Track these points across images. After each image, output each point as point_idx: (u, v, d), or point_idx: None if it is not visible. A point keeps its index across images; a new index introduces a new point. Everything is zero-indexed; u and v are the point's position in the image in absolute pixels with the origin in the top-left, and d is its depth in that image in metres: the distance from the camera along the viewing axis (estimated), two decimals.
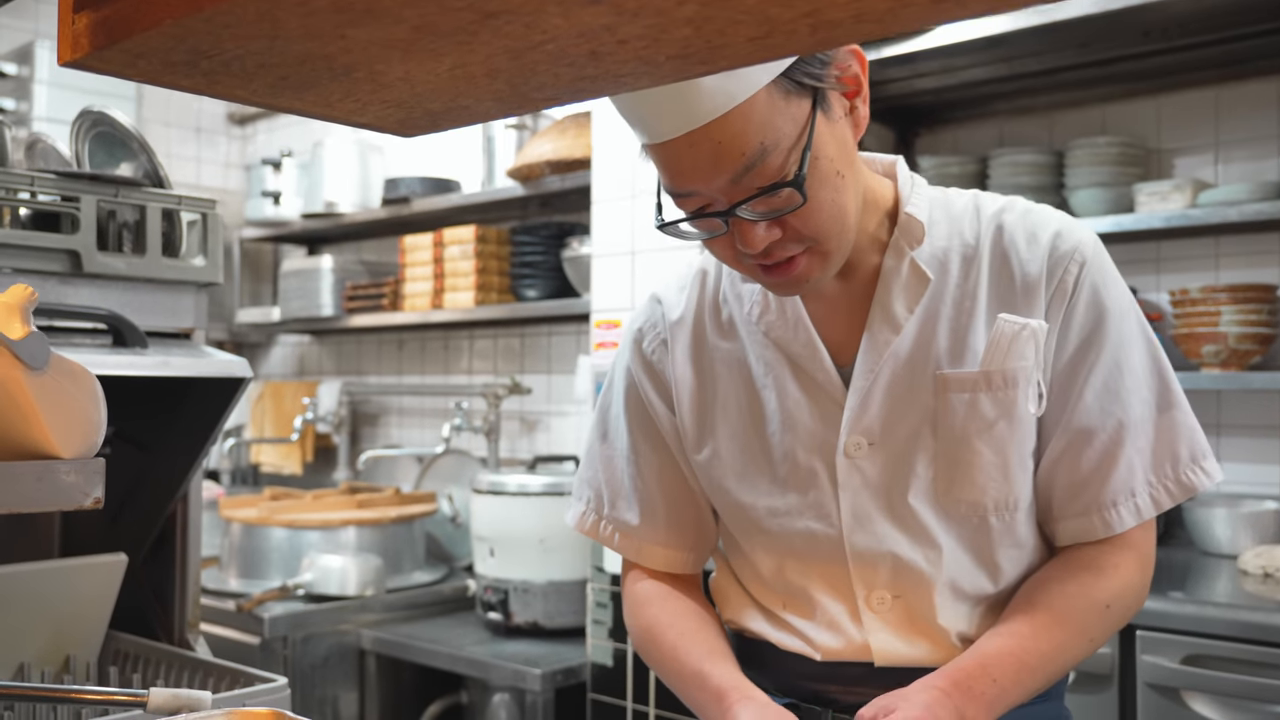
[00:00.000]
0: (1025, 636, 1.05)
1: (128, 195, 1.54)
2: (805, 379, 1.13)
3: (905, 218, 1.11)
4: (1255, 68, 2.46)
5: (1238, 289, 2.30)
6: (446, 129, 0.95)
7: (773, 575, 1.18)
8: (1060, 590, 1.09)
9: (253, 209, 4.18)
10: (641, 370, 1.24)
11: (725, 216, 0.99)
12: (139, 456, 1.64)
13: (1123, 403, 1.08)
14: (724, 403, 1.18)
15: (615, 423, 1.27)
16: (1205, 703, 1.79)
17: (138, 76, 0.75)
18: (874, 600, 1.12)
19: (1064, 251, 1.09)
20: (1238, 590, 1.97)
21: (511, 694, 2.74)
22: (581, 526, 1.29)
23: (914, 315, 1.10)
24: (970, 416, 1.08)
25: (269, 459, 4.34)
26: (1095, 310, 1.09)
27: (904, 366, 1.10)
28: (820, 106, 0.99)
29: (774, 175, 0.97)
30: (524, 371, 3.67)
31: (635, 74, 0.75)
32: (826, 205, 1.00)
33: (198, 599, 1.66)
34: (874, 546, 1.11)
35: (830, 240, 1.02)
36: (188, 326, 1.60)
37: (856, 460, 1.11)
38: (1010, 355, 1.07)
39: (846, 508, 1.11)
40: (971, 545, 1.11)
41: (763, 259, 1.02)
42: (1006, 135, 2.79)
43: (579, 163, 3.05)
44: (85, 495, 0.75)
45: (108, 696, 0.94)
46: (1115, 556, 1.10)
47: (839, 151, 1.01)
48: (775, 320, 1.14)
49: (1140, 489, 1.09)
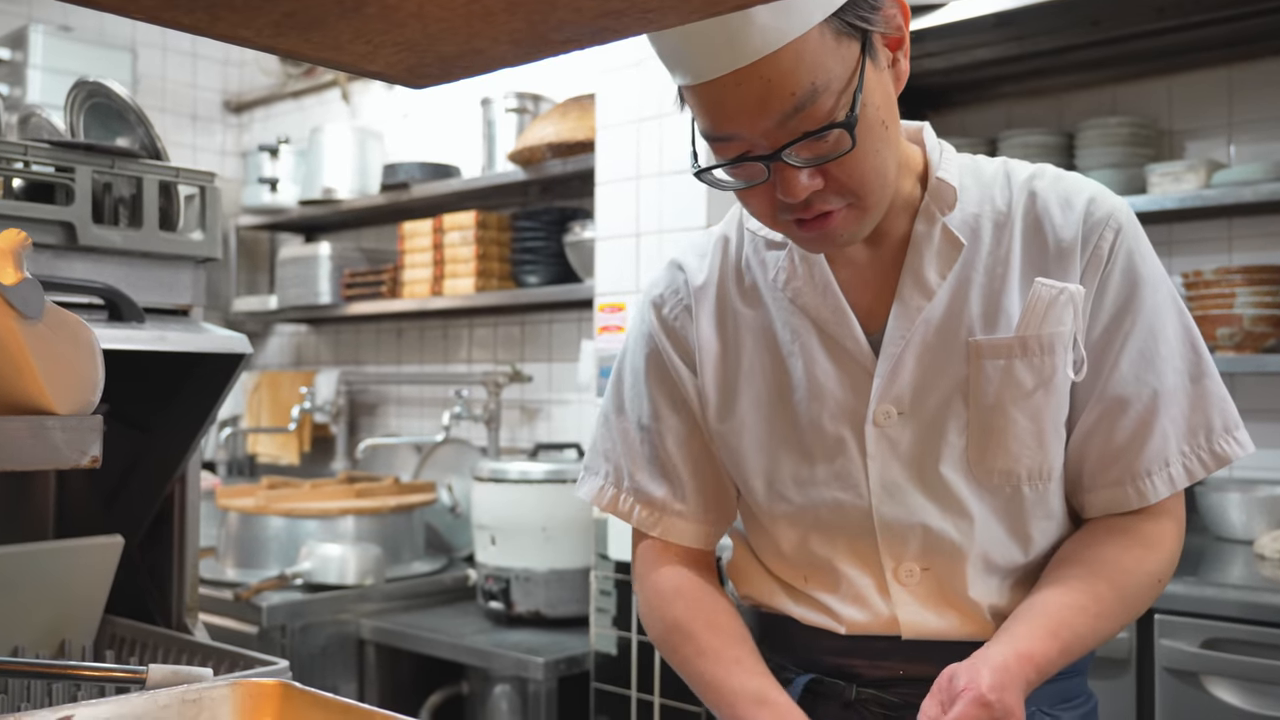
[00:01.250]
0: (1091, 614, 1.03)
1: (124, 167, 1.50)
2: (833, 346, 1.10)
3: (937, 182, 1.08)
4: (1268, 46, 2.43)
5: (1252, 270, 2.26)
6: (459, 77, 0.90)
7: (796, 548, 1.14)
8: (1117, 564, 1.06)
9: (249, 196, 4.14)
10: (664, 335, 1.20)
11: (771, 161, 0.95)
12: (135, 437, 1.60)
13: (1157, 371, 1.06)
14: (749, 371, 1.15)
15: (633, 391, 1.23)
16: (1225, 687, 1.76)
17: (136, 12, 0.71)
18: (902, 572, 1.10)
19: (1099, 218, 1.07)
20: (1254, 574, 1.94)
21: (513, 684, 2.70)
22: (600, 501, 1.24)
23: (946, 281, 1.07)
24: (1005, 383, 1.05)
25: (265, 449, 4.30)
26: (1130, 277, 1.07)
27: (935, 334, 1.07)
28: (869, 52, 0.96)
29: (823, 119, 0.94)
30: (524, 360, 3.63)
31: (663, 9, 0.71)
32: (871, 155, 0.97)
33: (196, 582, 1.62)
34: (904, 517, 1.08)
35: (871, 194, 0.99)
36: (185, 303, 1.56)
37: (886, 429, 1.08)
38: (1047, 320, 1.04)
39: (875, 477, 1.09)
40: (1004, 515, 1.08)
41: (801, 211, 0.99)
42: (1015, 117, 2.75)
43: (581, 145, 3.01)
44: (81, 454, 0.71)
45: (105, 673, 0.90)
46: (1160, 528, 1.09)
47: (884, 101, 0.98)
48: (803, 286, 1.11)
49: (1174, 458, 1.07)
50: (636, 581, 1.25)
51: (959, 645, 1.07)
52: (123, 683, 0.92)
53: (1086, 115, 2.59)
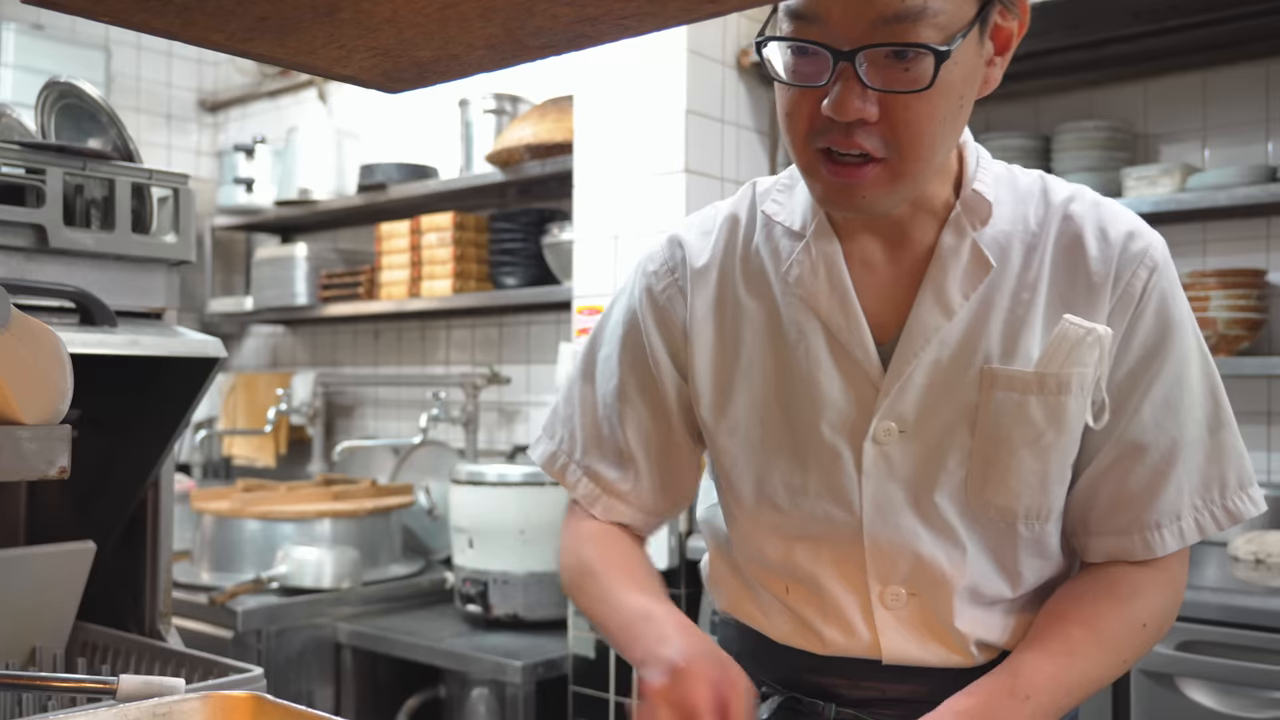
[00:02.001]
0: (1060, 654, 1.00)
1: (96, 169, 1.48)
2: (840, 353, 1.04)
3: (972, 194, 1.02)
4: (1243, 51, 2.44)
5: (1226, 274, 2.28)
6: (434, 83, 0.90)
7: (780, 558, 1.09)
8: (1094, 608, 1.02)
9: (225, 196, 4.11)
10: (649, 313, 1.14)
11: (843, 59, 0.89)
12: (108, 441, 1.59)
13: (1179, 421, 1.02)
14: (747, 367, 1.09)
15: (605, 364, 1.18)
16: (1200, 689, 1.77)
17: (105, 16, 0.70)
18: (888, 595, 1.05)
19: (1134, 253, 1.01)
20: (1229, 576, 1.95)
21: (491, 687, 2.69)
22: (550, 467, 1.20)
23: (969, 302, 1.01)
24: (1016, 419, 1.00)
25: (241, 451, 4.26)
26: (1163, 321, 1.02)
27: (950, 354, 1.02)
28: (983, 21, 0.92)
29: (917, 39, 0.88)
30: (502, 361, 3.62)
31: (640, 15, 0.71)
32: (936, 117, 0.91)
33: (169, 588, 1.61)
34: (895, 540, 1.04)
35: (915, 159, 0.93)
36: (159, 306, 1.55)
37: (885, 447, 1.03)
38: (1070, 360, 0.99)
39: (869, 496, 1.04)
40: (995, 550, 1.04)
41: (840, 139, 0.92)
42: (993, 120, 2.76)
43: (559, 147, 3.00)
44: (49, 464, 0.70)
45: (75, 684, 0.89)
46: (1151, 577, 1.04)
47: (970, 80, 0.93)
48: (815, 286, 1.04)
49: (1186, 512, 1.03)
50: (561, 534, 1.22)
51: (942, 670, 1.05)
52: (93, 694, 0.91)
53: (1063, 119, 2.61)
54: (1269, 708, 1.71)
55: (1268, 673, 1.71)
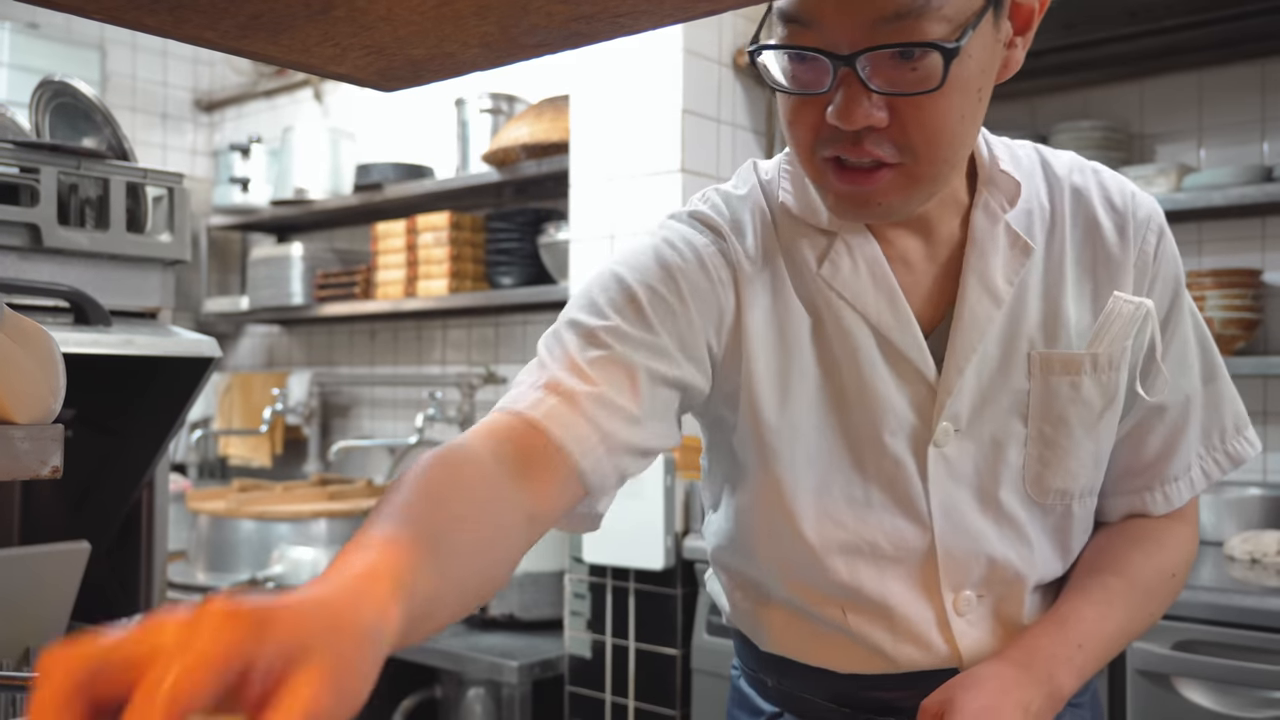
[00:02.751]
0: (1100, 602, 0.99)
1: (90, 168, 1.47)
2: (892, 354, 0.97)
3: (999, 175, 0.97)
4: (1239, 51, 2.44)
5: (1222, 274, 2.28)
6: (429, 81, 0.90)
7: (843, 579, 1.01)
8: (1128, 559, 1.02)
9: (220, 196, 4.10)
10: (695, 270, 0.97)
11: (843, 64, 0.83)
12: (102, 442, 1.58)
13: (1189, 376, 1.03)
14: (800, 371, 0.99)
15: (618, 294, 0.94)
16: (1196, 689, 1.77)
17: (97, 13, 0.70)
18: (960, 603, 1.01)
19: (1142, 218, 1.00)
20: (1224, 576, 1.95)
21: (487, 687, 2.69)
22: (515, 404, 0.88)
23: (1013, 287, 0.98)
24: (1072, 401, 0.98)
25: (237, 451, 4.26)
26: (1173, 282, 1.02)
27: (997, 345, 0.98)
28: (995, 5, 0.86)
29: (922, 37, 0.82)
30: (498, 361, 3.61)
31: (635, 14, 0.71)
32: (952, 115, 0.85)
33: (164, 589, 1.60)
34: (967, 546, 0.99)
35: (930, 162, 0.87)
36: (153, 306, 1.54)
37: (945, 449, 0.98)
38: (1121, 335, 0.98)
39: (937, 503, 0.98)
40: (1054, 534, 1.03)
41: (849, 148, 0.86)
42: (988, 119, 2.75)
43: (555, 146, 3.00)
44: (42, 464, 0.70)
45: None
46: (1176, 527, 1.06)
47: (987, 70, 0.88)
48: (859, 284, 0.97)
49: (1194, 462, 1.04)
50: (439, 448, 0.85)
51: None
52: None
53: (1059, 118, 2.61)
54: (1265, 707, 1.71)
55: (1264, 672, 1.71)
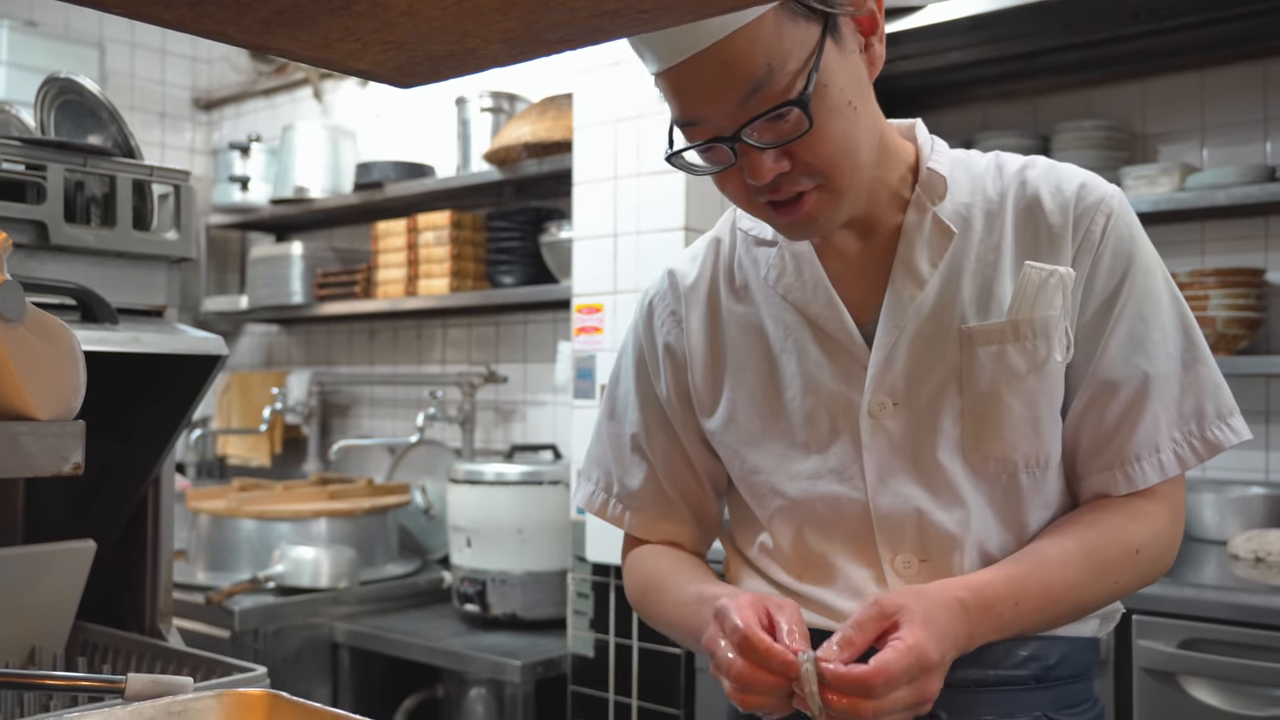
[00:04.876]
0: (1054, 564, 1.03)
1: (97, 165, 1.47)
2: (826, 340, 1.11)
3: (927, 173, 1.09)
4: (1241, 51, 2.44)
5: (1225, 273, 2.28)
6: (449, 76, 0.89)
7: (791, 544, 1.14)
8: (1090, 527, 1.06)
9: (220, 195, 4.09)
10: (653, 349, 1.23)
11: (732, 143, 0.98)
12: (108, 440, 1.57)
13: (1148, 355, 1.06)
14: (738, 366, 1.16)
15: (625, 400, 1.26)
16: (1202, 687, 1.77)
17: (116, 7, 0.69)
18: (899, 564, 1.09)
19: (1090, 202, 1.07)
20: (1229, 574, 1.95)
21: (489, 687, 2.69)
22: (590, 506, 1.28)
23: (938, 270, 1.08)
24: (998, 370, 1.05)
25: (236, 451, 4.25)
26: (1122, 261, 1.07)
27: (927, 323, 1.08)
28: (831, 34, 0.97)
29: (779, 98, 0.96)
30: (499, 361, 3.61)
31: (658, 9, 0.70)
32: (836, 135, 0.98)
33: (170, 587, 1.60)
34: (899, 507, 1.08)
35: (840, 175, 1.00)
36: (159, 304, 1.54)
37: (881, 420, 1.09)
38: (1038, 304, 1.05)
39: (871, 468, 1.09)
40: (1000, 505, 1.08)
41: (772, 194, 1.01)
42: (990, 120, 2.76)
43: (557, 145, 2.99)
44: (64, 460, 0.69)
45: (80, 683, 0.88)
46: (1145, 506, 1.08)
47: (851, 83, 0.99)
48: (793, 282, 1.12)
49: (1164, 445, 1.06)
50: (623, 564, 1.29)
51: None
52: (100, 692, 0.90)
53: (1061, 118, 2.61)
54: (1273, 706, 1.71)
55: (1272, 670, 1.71)
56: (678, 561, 1.21)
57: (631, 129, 2.48)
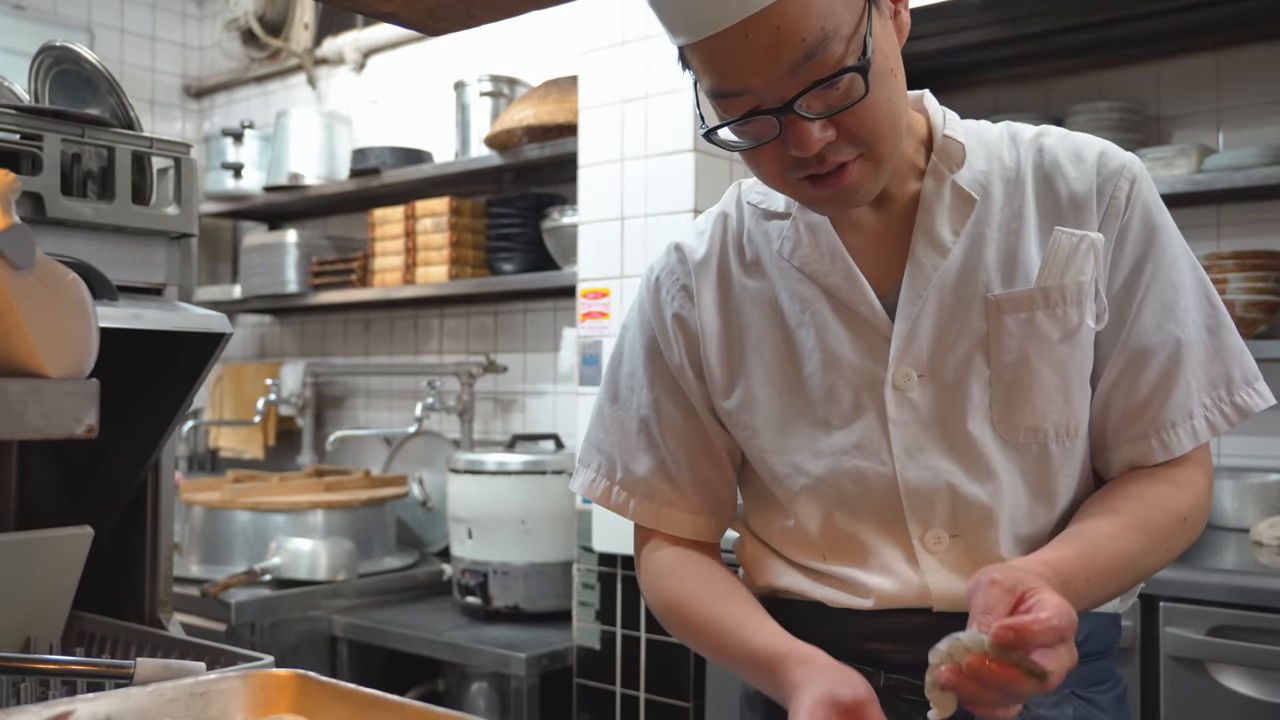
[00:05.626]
0: (1114, 538, 0.99)
1: (95, 135, 1.41)
2: (846, 312, 1.07)
3: (944, 140, 1.07)
4: (1256, 32, 2.41)
5: (1244, 256, 2.24)
6: (480, 23, 0.84)
7: (819, 525, 1.10)
8: (1140, 497, 1.03)
9: (212, 182, 4.03)
10: (662, 324, 1.17)
11: (783, 114, 0.93)
12: (105, 422, 1.51)
13: (1179, 321, 1.04)
14: (756, 344, 1.12)
15: (630, 380, 1.19)
16: (1232, 674, 1.73)
17: None
18: (930, 539, 1.05)
19: (1112, 169, 1.05)
20: (1253, 561, 1.91)
21: (491, 680, 2.64)
22: (592, 494, 1.20)
23: (960, 238, 1.05)
24: (1028, 337, 1.03)
25: (229, 443, 4.19)
26: (1149, 227, 1.05)
27: (951, 292, 1.05)
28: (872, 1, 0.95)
29: (834, 65, 0.92)
30: (498, 350, 3.55)
31: None
32: (883, 103, 0.95)
33: (170, 576, 1.54)
34: (929, 480, 1.05)
35: (884, 143, 0.97)
36: (159, 281, 1.48)
37: (906, 392, 1.05)
38: (1069, 269, 1.02)
39: (898, 442, 1.05)
40: (1031, 475, 1.05)
41: (815, 166, 0.97)
42: (1001, 102, 2.72)
43: (559, 129, 2.94)
44: (77, 422, 0.64)
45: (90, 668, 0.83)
46: (1185, 472, 1.06)
47: (890, 49, 0.97)
48: (810, 254, 1.09)
49: (1196, 411, 1.04)
50: (636, 567, 1.22)
51: None
52: (106, 678, 0.84)
53: (1074, 100, 2.56)
54: None
55: None
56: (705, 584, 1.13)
57: (638, 109, 2.43)
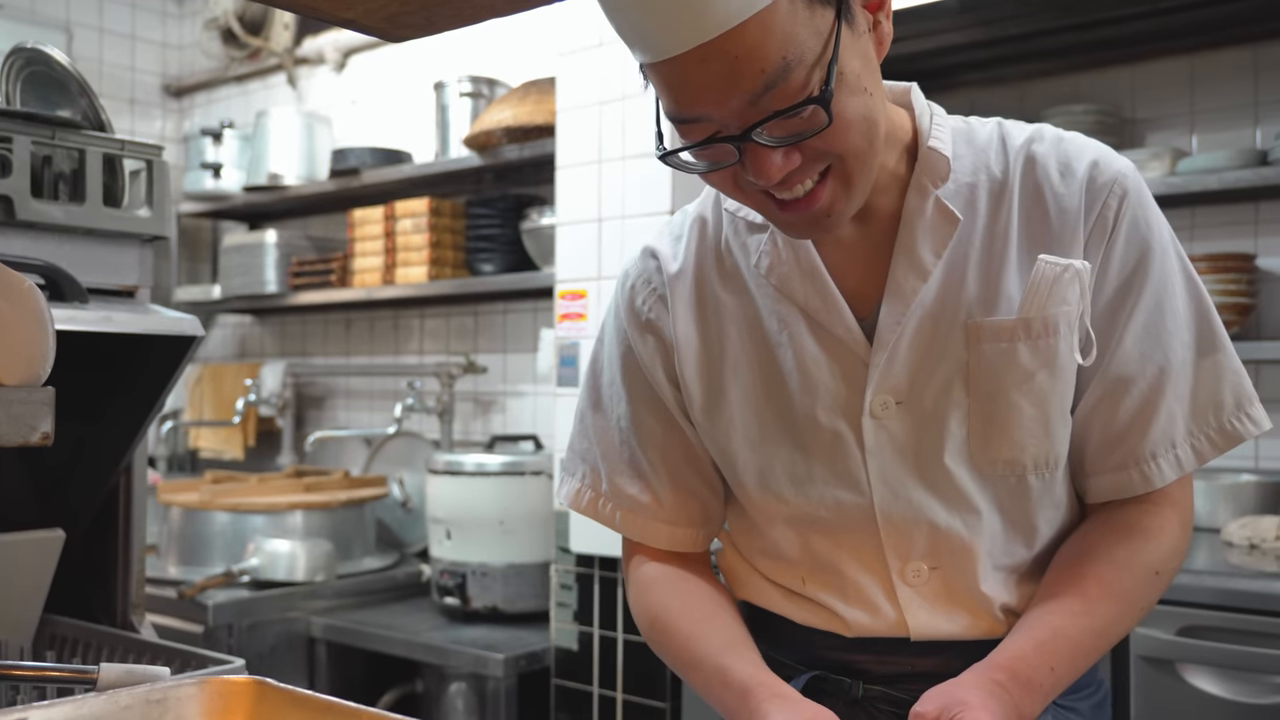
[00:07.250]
0: (1079, 614, 0.97)
1: (65, 138, 1.41)
2: (823, 335, 1.03)
3: (928, 152, 1.00)
4: (1231, 35, 2.42)
5: (1216, 258, 2.26)
6: (442, 29, 0.84)
7: (796, 550, 1.07)
8: (1109, 558, 1.00)
9: (191, 182, 4.01)
10: (637, 331, 1.12)
11: (739, 143, 0.88)
12: (77, 425, 1.51)
13: (1164, 347, 0.99)
14: (734, 363, 1.07)
15: (610, 389, 1.15)
16: (1201, 675, 1.75)
17: None
18: (909, 572, 1.03)
19: (1102, 183, 1.00)
20: (1224, 561, 1.93)
21: (470, 681, 2.63)
22: (578, 505, 1.17)
23: (941, 260, 1.00)
24: (1007, 368, 0.98)
25: (208, 443, 4.17)
26: (1137, 247, 1.00)
27: (930, 317, 1.00)
28: (844, 17, 0.88)
29: (795, 95, 0.86)
30: (478, 351, 3.55)
31: None
32: (856, 120, 0.89)
33: (142, 579, 1.54)
34: (908, 514, 1.02)
35: (857, 159, 0.91)
36: (131, 284, 1.48)
37: (884, 421, 1.01)
38: (1051, 300, 0.97)
39: (876, 473, 1.02)
40: (1008, 508, 1.02)
41: (780, 189, 0.91)
42: (978, 105, 2.73)
43: (538, 130, 2.94)
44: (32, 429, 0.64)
45: (52, 673, 0.83)
46: (1159, 517, 1.02)
47: (864, 67, 0.91)
48: (787, 272, 1.03)
49: (1181, 439, 1.00)
50: (624, 579, 1.20)
51: (970, 643, 1.02)
52: (70, 683, 0.84)
53: (1050, 103, 2.58)
54: (1272, 692, 1.68)
55: (1269, 657, 1.69)
56: (690, 602, 1.10)
57: (616, 111, 2.44)
